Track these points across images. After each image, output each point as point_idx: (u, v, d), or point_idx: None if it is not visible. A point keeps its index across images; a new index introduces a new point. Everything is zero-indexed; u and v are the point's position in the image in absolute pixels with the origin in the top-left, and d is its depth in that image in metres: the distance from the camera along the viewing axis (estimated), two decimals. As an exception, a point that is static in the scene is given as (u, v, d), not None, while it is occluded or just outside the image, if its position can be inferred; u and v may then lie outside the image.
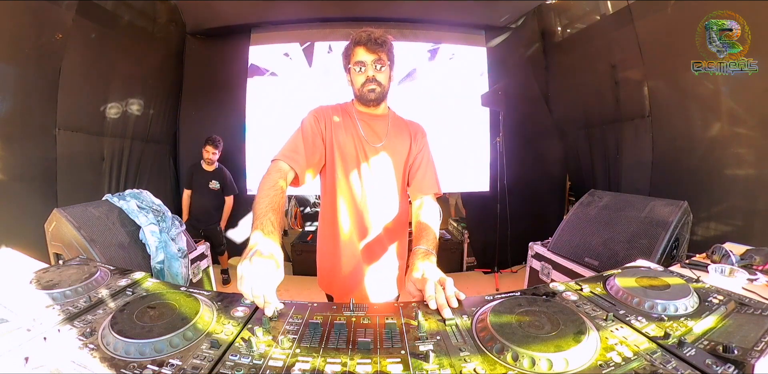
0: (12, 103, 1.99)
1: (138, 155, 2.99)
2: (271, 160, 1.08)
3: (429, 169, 1.22)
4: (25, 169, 2.08)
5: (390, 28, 3.48)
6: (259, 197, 0.90)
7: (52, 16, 2.16)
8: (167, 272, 1.80)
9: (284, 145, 1.12)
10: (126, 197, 1.89)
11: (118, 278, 0.86)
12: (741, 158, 2.07)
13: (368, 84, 1.13)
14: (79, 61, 2.35)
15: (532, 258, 2.23)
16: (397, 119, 1.27)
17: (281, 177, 1.00)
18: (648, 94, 2.59)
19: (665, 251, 1.61)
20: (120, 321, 0.63)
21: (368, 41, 1.09)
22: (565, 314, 0.65)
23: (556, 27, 3.50)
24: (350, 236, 1.19)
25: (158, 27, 3.09)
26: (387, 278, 1.26)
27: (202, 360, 0.56)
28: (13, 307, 0.71)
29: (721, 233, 2.12)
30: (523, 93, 3.55)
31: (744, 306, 0.72)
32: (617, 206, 1.94)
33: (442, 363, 0.55)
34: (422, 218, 1.10)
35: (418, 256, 0.91)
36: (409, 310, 0.72)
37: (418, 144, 1.24)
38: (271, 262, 0.69)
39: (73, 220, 1.58)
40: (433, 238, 1.01)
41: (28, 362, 0.54)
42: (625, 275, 0.83)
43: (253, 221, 0.84)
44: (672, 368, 0.53)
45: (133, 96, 2.91)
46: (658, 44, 2.44)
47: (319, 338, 0.62)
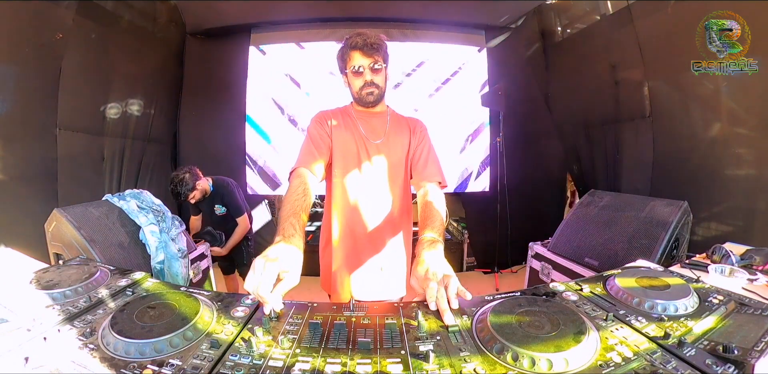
0: (12, 103, 1.99)
1: (138, 155, 2.98)
2: (290, 171, 1.12)
3: (431, 159, 1.22)
4: (25, 169, 2.08)
5: (390, 28, 3.49)
6: (282, 205, 0.94)
7: (53, 16, 2.16)
8: (167, 273, 1.80)
9: (298, 155, 1.16)
10: (126, 198, 1.89)
11: (118, 278, 0.86)
12: (741, 158, 2.06)
13: (366, 88, 1.15)
14: (80, 61, 2.35)
15: (532, 258, 2.23)
16: (395, 115, 1.29)
17: (301, 182, 1.03)
18: (648, 94, 2.59)
19: (665, 251, 1.61)
20: (120, 321, 0.63)
21: (364, 46, 1.10)
22: (565, 314, 0.65)
23: (556, 27, 3.50)
24: (354, 234, 1.20)
25: (158, 27, 3.08)
26: (394, 276, 1.26)
27: (202, 360, 0.56)
28: (13, 307, 0.71)
29: (721, 233, 2.11)
30: (523, 93, 3.55)
31: (744, 306, 0.72)
32: (617, 207, 1.94)
33: (442, 363, 0.55)
34: (427, 205, 1.06)
35: (423, 245, 0.87)
36: (409, 310, 0.72)
37: (417, 137, 1.24)
38: (273, 264, 0.69)
39: (73, 220, 1.58)
40: (439, 224, 0.97)
41: (28, 362, 0.54)
42: (625, 276, 0.83)
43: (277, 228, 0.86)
44: (672, 368, 0.53)
45: (133, 96, 2.90)
46: (658, 44, 2.44)
47: (319, 338, 0.62)
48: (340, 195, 1.19)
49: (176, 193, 2.29)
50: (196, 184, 2.34)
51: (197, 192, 2.36)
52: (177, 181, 2.27)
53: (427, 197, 1.10)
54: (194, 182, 2.33)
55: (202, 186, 2.39)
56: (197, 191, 2.36)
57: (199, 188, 2.37)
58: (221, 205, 2.51)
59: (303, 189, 1.00)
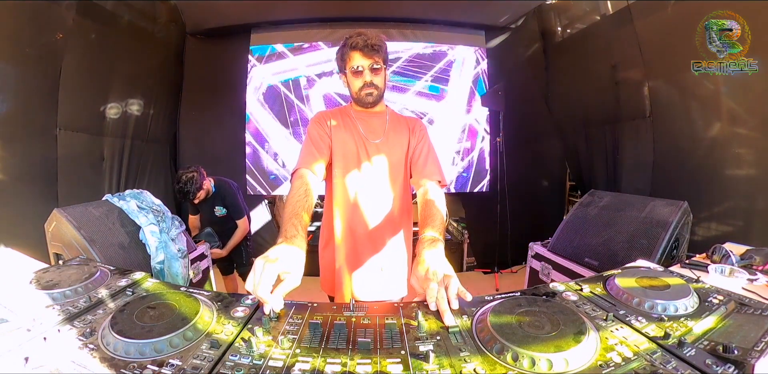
0: (13, 103, 1.99)
1: (138, 155, 2.98)
2: (291, 173, 1.13)
3: (431, 158, 1.22)
4: (25, 169, 2.08)
5: (390, 28, 3.49)
6: (285, 207, 0.94)
7: (53, 16, 2.16)
8: (167, 273, 1.80)
9: (298, 156, 1.16)
10: (126, 198, 1.89)
11: (118, 278, 0.86)
12: (741, 158, 2.06)
13: (366, 88, 1.16)
14: (80, 61, 2.35)
15: (532, 258, 2.23)
16: (394, 115, 1.29)
17: (303, 183, 1.04)
18: (648, 94, 2.59)
19: (665, 252, 1.61)
20: (120, 321, 0.63)
21: (365, 47, 1.10)
22: (565, 314, 0.65)
23: (556, 27, 3.50)
24: (354, 234, 1.20)
25: (158, 27, 3.08)
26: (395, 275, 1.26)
27: (202, 360, 0.56)
28: (13, 307, 0.70)
29: (721, 233, 2.11)
30: (523, 93, 3.55)
31: (744, 306, 0.72)
32: (617, 207, 1.94)
33: (442, 364, 0.55)
34: (427, 204, 1.05)
35: (424, 244, 0.86)
36: (409, 310, 0.72)
37: (417, 136, 1.24)
38: (273, 265, 0.69)
39: (73, 220, 1.58)
40: (439, 223, 0.96)
41: (28, 362, 0.54)
42: (625, 276, 0.83)
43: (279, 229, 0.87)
44: (672, 368, 0.53)
45: (133, 96, 2.90)
46: (658, 44, 2.44)
47: (319, 338, 0.62)
48: (340, 195, 1.19)
49: (185, 192, 2.26)
50: (203, 184, 2.33)
51: (202, 192, 2.36)
52: (186, 179, 2.25)
53: (427, 196, 1.09)
54: (202, 182, 2.32)
55: (206, 186, 2.39)
56: (202, 191, 2.36)
57: (205, 188, 2.37)
58: (222, 206, 2.50)
59: (305, 190, 1.00)
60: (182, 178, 2.25)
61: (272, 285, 0.69)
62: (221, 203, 2.49)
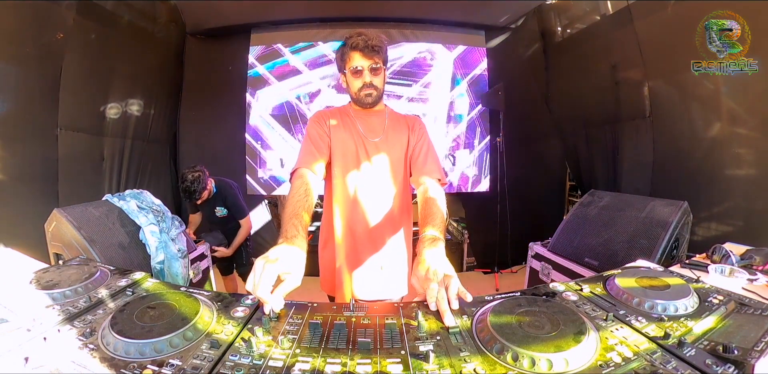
0: (13, 103, 1.99)
1: (138, 155, 2.98)
2: (290, 172, 1.12)
3: (430, 156, 1.22)
4: (26, 169, 2.08)
5: (390, 28, 3.49)
6: (285, 207, 0.94)
7: (53, 16, 2.16)
8: (167, 273, 1.80)
9: (298, 156, 1.16)
10: (126, 198, 1.89)
11: (118, 278, 0.86)
12: (741, 158, 2.06)
13: (365, 89, 1.16)
14: (80, 61, 2.35)
15: (532, 258, 2.23)
16: (394, 113, 1.29)
17: (303, 182, 1.04)
18: (648, 94, 2.59)
19: (665, 252, 1.61)
20: (120, 321, 0.63)
21: (365, 47, 1.10)
22: (565, 314, 0.65)
23: (556, 27, 3.50)
24: (354, 233, 1.20)
25: (158, 27, 3.08)
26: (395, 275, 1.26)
27: (202, 360, 0.56)
28: (13, 307, 0.71)
29: (721, 233, 2.11)
30: (523, 93, 3.55)
31: (744, 306, 0.72)
32: (617, 207, 1.94)
33: (442, 364, 0.55)
34: (427, 202, 1.04)
35: (424, 243, 0.85)
36: (409, 310, 0.72)
37: (416, 134, 1.24)
38: (272, 266, 0.69)
39: (73, 220, 1.58)
40: (440, 221, 0.96)
41: (28, 362, 0.54)
42: (625, 276, 0.83)
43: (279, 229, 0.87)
44: (672, 368, 0.53)
45: (133, 96, 2.91)
46: (658, 44, 2.44)
47: (319, 338, 0.62)
48: (340, 194, 1.19)
49: (191, 191, 2.25)
50: (207, 183, 2.33)
51: (205, 192, 2.35)
52: (193, 179, 2.23)
53: (427, 194, 1.08)
54: (207, 182, 2.32)
55: (209, 187, 2.38)
56: (206, 192, 2.35)
57: (208, 188, 2.36)
58: (223, 207, 2.49)
59: (305, 190, 1.00)
60: (188, 177, 2.24)
61: (272, 285, 0.69)
62: (222, 204, 2.49)
